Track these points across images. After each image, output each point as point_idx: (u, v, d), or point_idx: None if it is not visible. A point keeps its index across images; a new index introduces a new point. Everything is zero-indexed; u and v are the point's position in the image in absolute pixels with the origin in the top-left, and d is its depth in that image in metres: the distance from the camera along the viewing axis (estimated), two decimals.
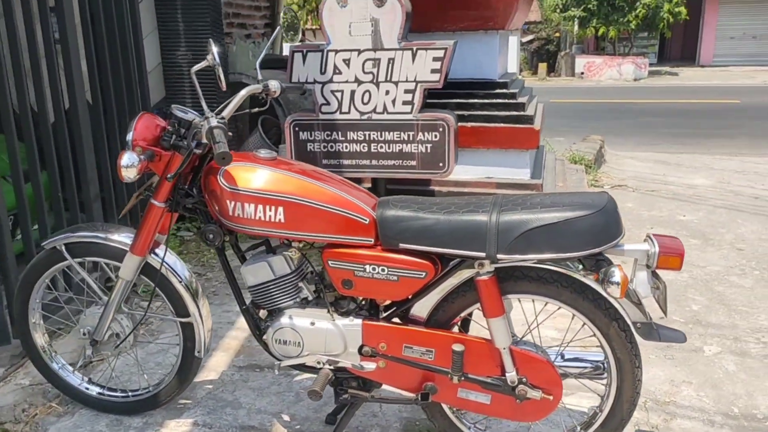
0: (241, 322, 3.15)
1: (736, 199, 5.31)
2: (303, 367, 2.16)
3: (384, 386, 2.16)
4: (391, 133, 3.86)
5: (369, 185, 3.96)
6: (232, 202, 1.98)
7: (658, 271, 1.83)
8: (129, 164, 1.94)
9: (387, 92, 3.78)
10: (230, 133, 1.84)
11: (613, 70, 17.98)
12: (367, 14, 3.71)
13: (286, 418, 2.43)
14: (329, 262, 1.98)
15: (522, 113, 4.14)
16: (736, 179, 6.06)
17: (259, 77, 2.19)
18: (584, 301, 1.89)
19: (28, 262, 2.80)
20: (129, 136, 2.02)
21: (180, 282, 2.22)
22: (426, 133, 3.81)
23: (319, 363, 2.11)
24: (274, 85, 2.21)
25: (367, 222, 1.93)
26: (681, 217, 4.84)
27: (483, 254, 1.82)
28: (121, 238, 2.24)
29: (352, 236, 1.95)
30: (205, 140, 1.88)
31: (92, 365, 2.70)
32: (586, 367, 2.09)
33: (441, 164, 3.84)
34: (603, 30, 18.04)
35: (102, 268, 2.77)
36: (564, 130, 8.57)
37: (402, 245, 1.90)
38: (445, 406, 2.13)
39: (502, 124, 4.18)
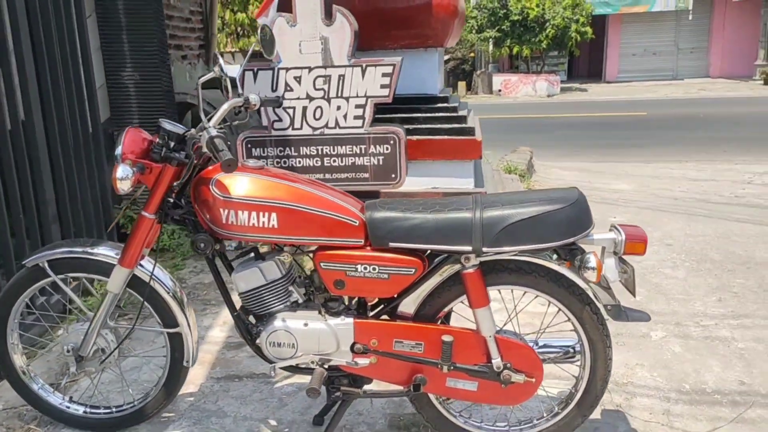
0: (212, 335, 3.17)
1: (658, 201, 5.73)
2: (296, 369, 2.23)
3: (375, 381, 2.26)
4: (344, 147, 3.99)
5: None
6: (226, 210, 2.04)
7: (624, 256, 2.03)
8: (123, 177, 1.97)
9: (338, 107, 3.91)
10: (229, 142, 1.91)
11: (528, 87, 18.81)
12: (316, 33, 3.83)
13: (272, 422, 2.47)
14: (321, 264, 2.07)
15: (464, 125, 4.34)
16: (654, 183, 6.52)
17: (240, 91, 2.26)
18: (559, 288, 2.07)
19: None
20: (118, 150, 2.04)
21: (168, 292, 2.25)
22: (378, 146, 3.96)
23: (312, 363, 2.18)
24: (254, 98, 2.28)
25: (357, 224, 2.04)
26: (612, 218, 5.17)
27: (469, 248, 1.96)
28: (105, 251, 2.25)
29: (343, 238, 2.05)
30: (205, 150, 1.94)
31: (67, 384, 2.66)
32: (559, 352, 2.26)
33: (393, 175, 4.01)
34: (517, 49, 18.85)
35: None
36: (491, 144, 8.88)
37: (392, 244, 2.01)
38: (432, 397, 2.25)
39: (446, 137, 4.34)
